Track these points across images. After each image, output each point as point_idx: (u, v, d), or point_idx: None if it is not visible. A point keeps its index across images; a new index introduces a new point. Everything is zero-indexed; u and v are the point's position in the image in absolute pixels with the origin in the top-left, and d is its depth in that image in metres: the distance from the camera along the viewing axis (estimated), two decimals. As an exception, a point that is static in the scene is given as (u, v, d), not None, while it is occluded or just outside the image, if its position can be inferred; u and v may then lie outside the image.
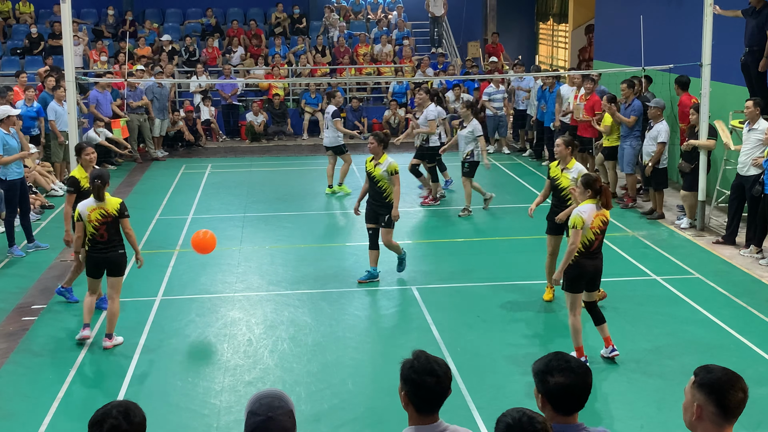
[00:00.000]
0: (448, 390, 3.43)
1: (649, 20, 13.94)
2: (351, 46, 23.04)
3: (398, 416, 3.58)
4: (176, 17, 24.70)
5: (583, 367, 3.34)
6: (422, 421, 3.43)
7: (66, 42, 10.95)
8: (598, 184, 7.50)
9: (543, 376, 3.30)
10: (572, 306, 7.60)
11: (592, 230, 7.44)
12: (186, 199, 14.35)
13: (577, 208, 7.54)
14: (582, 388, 3.30)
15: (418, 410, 3.42)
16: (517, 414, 2.98)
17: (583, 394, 3.31)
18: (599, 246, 7.59)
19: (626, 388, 7.27)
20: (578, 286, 7.56)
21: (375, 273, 9.99)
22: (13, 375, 7.72)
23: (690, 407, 3.16)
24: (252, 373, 7.66)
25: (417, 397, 3.39)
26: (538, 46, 27.01)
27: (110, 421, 3.08)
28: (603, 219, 7.51)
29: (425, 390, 3.37)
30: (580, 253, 7.46)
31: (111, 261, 8.19)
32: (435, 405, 3.42)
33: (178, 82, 20.80)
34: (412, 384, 3.39)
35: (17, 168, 11.21)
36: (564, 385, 3.25)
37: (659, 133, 12.44)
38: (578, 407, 3.33)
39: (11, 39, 22.37)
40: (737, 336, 8.35)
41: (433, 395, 3.39)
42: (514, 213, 13.41)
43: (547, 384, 3.28)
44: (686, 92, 12.90)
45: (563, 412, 3.30)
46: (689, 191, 12.21)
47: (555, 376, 3.27)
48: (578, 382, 3.28)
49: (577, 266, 7.48)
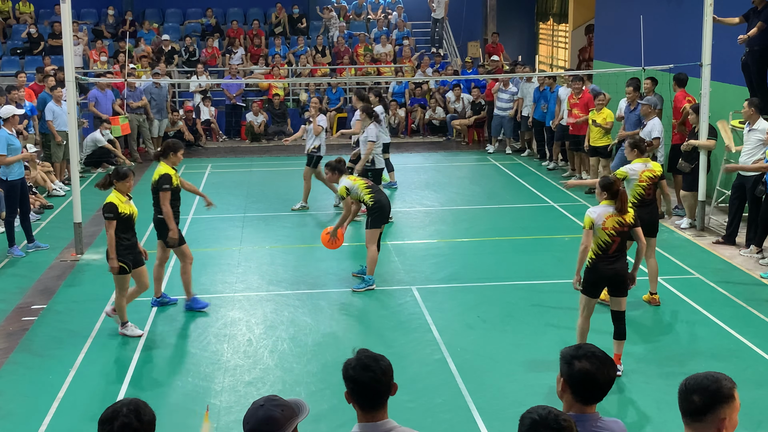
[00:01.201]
0: (386, 387, 3.47)
1: (649, 20, 13.94)
2: (351, 46, 23.05)
3: (398, 416, 3.58)
4: (176, 17, 24.70)
5: (610, 360, 3.40)
6: (368, 418, 3.49)
7: (66, 42, 10.96)
8: (615, 187, 7.33)
9: (570, 359, 3.36)
10: (583, 309, 7.47)
11: (606, 232, 7.25)
12: (186, 199, 14.26)
13: (590, 208, 7.51)
14: (605, 379, 3.33)
15: (361, 408, 3.49)
16: (544, 411, 2.98)
17: (604, 385, 3.34)
18: (619, 249, 7.35)
19: (626, 388, 7.27)
20: (595, 291, 7.41)
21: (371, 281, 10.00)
22: (13, 375, 7.72)
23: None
24: (252, 373, 7.66)
25: (356, 394, 3.47)
26: (538, 46, 27.00)
27: (121, 419, 3.11)
28: (619, 221, 7.28)
29: (362, 386, 3.44)
30: (597, 256, 7.30)
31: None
32: (375, 402, 3.47)
33: (178, 82, 20.80)
34: (350, 381, 3.47)
35: (18, 168, 11.21)
36: (587, 371, 3.30)
37: (652, 130, 12.45)
38: (597, 397, 3.36)
39: (11, 39, 22.37)
40: (737, 336, 8.35)
41: (371, 392, 3.45)
42: (514, 213, 13.42)
43: (572, 368, 3.33)
44: (683, 89, 12.89)
45: (582, 401, 3.34)
46: (689, 191, 12.21)
47: (582, 361, 3.32)
48: (603, 372, 3.32)
49: (595, 270, 7.31)
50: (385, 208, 9.92)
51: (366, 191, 9.76)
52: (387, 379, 3.47)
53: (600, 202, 7.45)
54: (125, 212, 8.28)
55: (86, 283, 10.22)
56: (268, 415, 3.19)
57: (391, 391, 3.50)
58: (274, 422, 3.18)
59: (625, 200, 7.36)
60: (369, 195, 9.73)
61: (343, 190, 9.86)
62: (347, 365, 3.50)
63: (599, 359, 3.34)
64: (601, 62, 18.46)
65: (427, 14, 24.99)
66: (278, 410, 3.22)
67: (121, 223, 8.26)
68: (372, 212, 9.77)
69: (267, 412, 3.20)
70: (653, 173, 7.32)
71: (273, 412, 3.20)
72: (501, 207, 13.82)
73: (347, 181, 9.89)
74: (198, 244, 11.79)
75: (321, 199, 14.42)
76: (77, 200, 11.28)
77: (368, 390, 3.44)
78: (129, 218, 8.35)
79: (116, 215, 8.22)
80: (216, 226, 12.63)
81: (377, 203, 9.74)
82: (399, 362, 7.97)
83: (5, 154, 10.89)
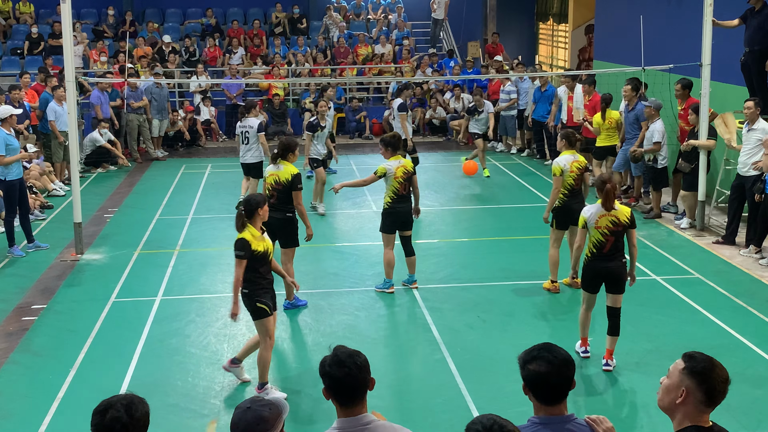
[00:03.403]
0: (362, 382, 3.51)
1: (649, 20, 13.93)
2: (351, 46, 23.05)
3: (398, 417, 3.58)
4: (176, 17, 24.71)
5: (562, 358, 3.39)
6: (347, 413, 3.52)
7: (66, 42, 10.95)
8: (605, 185, 7.45)
9: (523, 363, 3.44)
10: (584, 301, 7.78)
11: (600, 231, 7.44)
12: (186, 199, 14.35)
13: (585, 207, 7.75)
14: (558, 378, 3.35)
15: (339, 403, 3.54)
16: (488, 421, 3.00)
17: (559, 384, 3.36)
18: (614, 248, 7.49)
19: (626, 388, 7.27)
20: (593, 286, 7.64)
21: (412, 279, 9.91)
22: (13, 375, 7.72)
23: (675, 390, 3.23)
24: (252, 373, 7.65)
25: (332, 390, 3.52)
26: (538, 46, 27.02)
27: (112, 412, 3.19)
28: (613, 220, 7.43)
29: (337, 382, 3.49)
30: (592, 254, 7.54)
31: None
32: (352, 397, 3.51)
33: (178, 82, 20.80)
34: (326, 377, 3.52)
35: (16, 168, 11.21)
36: (538, 373, 3.35)
37: (653, 133, 12.45)
38: (557, 397, 3.38)
39: (11, 39, 22.38)
40: (737, 336, 8.35)
41: (346, 388, 3.49)
42: (514, 213, 13.42)
43: (524, 370, 3.41)
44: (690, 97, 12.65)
45: (544, 402, 3.38)
46: (689, 191, 12.21)
47: (532, 364, 3.39)
48: (553, 372, 3.34)
49: (591, 268, 7.57)
50: (395, 217, 9.51)
51: (392, 187, 9.44)
52: (363, 374, 3.51)
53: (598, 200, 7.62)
54: (258, 250, 6.95)
55: (86, 283, 10.22)
56: (257, 415, 3.22)
57: (369, 386, 3.55)
58: (265, 422, 3.21)
59: (609, 198, 7.43)
60: (390, 197, 9.47)
61: (381, 169, 9.42)
62: (323, 362, 3.55)
63: (549, 360, 3.36)
64: (601, 62, 18.47)
65: (427, 14, 24.99)
66: (266, 409, 3.25)
67: (256, 261, 6.97)
68: (383, 214, 9.62)
69: (256, 412, 3.23)
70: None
71: (262, 412, 3.23)
72: (501, 207, 13.82)
73: (392, 163, 9.43)
74: (198, 244, 11.81)
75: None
76: (77, 200, 11.28)
77: (344, 386, 3.48)
78: (265, 255, 7.01)
79: (248, 253, 6.91)
80: (216, 226, 12.63)
81: (390, 208, 9.47)
82: (399, 362, 8.00)
83: (4, 154, 10.89)
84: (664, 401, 3.28)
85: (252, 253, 6.89)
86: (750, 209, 11.00)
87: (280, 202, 8.89)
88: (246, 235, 6.92)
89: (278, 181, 8.88)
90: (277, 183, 8.89)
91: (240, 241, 6.90)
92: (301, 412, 6.92)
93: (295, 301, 9.24)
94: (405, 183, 9.45)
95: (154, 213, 13.47)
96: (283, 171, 8.89)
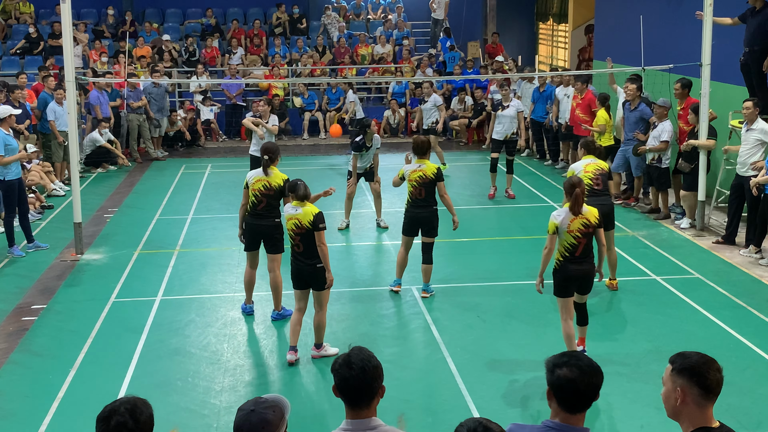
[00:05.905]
0: (369, 387, 3.49)
1: (648, 20, 13.93)
2: (351, 46, 23.05)
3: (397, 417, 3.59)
4: (176, 17, 24.71)
5: (593, 367, 3.36)
6: (353, 415, 3.52)
7: (66, 42, 10.95)
8: (573, 189, 7.32)
9: (552, 367, 3.37)
10: (562, 311, 7.54)
11: (572, 234, 7.34)
12: (186, 199, 14.35)
13: (554, 212, 7.57)
14: (586, 386, 3.31)
15: (347, 403, 3.53)
16: (474, 424, 3.01)
17: (587, 393, 3.32)
18: (585, 250, 7.43)
19: (626, 388, 7.27)
20: (566, 290, 7.49)
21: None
22: (13, 375, 7.72)
23: (672, 394, 3.24)
24: (252, 373, 7.66)
25: (338, 389, 3.52)
26: (538, 46, 27.00)
27: (117, 418, 3.14)
28: (584, 222, 7.36)
29: (343, 381, 3.49)
30: (565, 258, 7.41)
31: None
32: (358, 400, 3.51)
33: (178, 82, 20.80)
34: (334, 374, 3.53)
35: (15, 168, 11.21)
36: (568, 379, 3.29)
37: (662, 132, 12.43)
38: (582, 406, 3.34)
39: (11, 39, 22.37)
40: (737, 336, 8.35)
41: (351, 389, 3.49)
42: (514, 213, 13.42)
43: (553, 375, 3.34)
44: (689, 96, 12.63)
45: (567, 409, 3.33)
46: (689, 191, 12.21)
47: (562, 368, 3.33)
48: (583, 380, 3.30)
49: (563, 270, 7.43)
50: (411, 220, 9.51)
51: (408, 191, 9.49)
52: (369, 379, 3.49)
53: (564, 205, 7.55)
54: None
55: (86, 283, 10.22)
56: (262, 418, 3.18)
57: (379, 393, 3.53)
58: (270, 425, 3.18)
59: (577, 202, 7.34)
60: (407, 200, 9.54)
61: (401, 171, 9.59)
62: (336, 360, 3.56)
63: (581, 368, 3.32)
64: (601, 62, 18.44)
65: (427, 14, 24.99)
66: (270, 412, 3.22)
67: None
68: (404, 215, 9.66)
69: (260, 415, 3.19)
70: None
71: (266, 415, 3.20)
72: (501, 207, 13.82)
73: (410, 166, 9.55)
74: (198, 244, 11.81)
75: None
76: (77, 200, 11.28)
77: (349, 387, 3.49)
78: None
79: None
80: (216, 226, 12.63)
81: (406, 211, 9.55)
82: (399, 362, 7.99)
83: (2, 154, 10.89)
84: (668, 410, 3.29)
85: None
86: (749, 209, 11.00)
87: (268, 208, 8.81)
88: (315, 209, 7.70)
89: (268, 187, 8.76)
90: (267, 188, 8.76)
91: (319, 214, 7.66)
92: (302, 412, 6.91)
93: (284, 312, 9.10)
94: (420, 188, 9.38)
95: (154, 213, 13.47)
96: (273, 177, 8.81)
